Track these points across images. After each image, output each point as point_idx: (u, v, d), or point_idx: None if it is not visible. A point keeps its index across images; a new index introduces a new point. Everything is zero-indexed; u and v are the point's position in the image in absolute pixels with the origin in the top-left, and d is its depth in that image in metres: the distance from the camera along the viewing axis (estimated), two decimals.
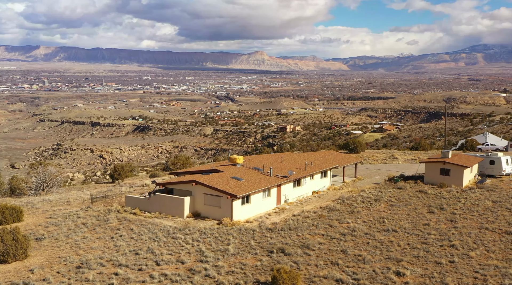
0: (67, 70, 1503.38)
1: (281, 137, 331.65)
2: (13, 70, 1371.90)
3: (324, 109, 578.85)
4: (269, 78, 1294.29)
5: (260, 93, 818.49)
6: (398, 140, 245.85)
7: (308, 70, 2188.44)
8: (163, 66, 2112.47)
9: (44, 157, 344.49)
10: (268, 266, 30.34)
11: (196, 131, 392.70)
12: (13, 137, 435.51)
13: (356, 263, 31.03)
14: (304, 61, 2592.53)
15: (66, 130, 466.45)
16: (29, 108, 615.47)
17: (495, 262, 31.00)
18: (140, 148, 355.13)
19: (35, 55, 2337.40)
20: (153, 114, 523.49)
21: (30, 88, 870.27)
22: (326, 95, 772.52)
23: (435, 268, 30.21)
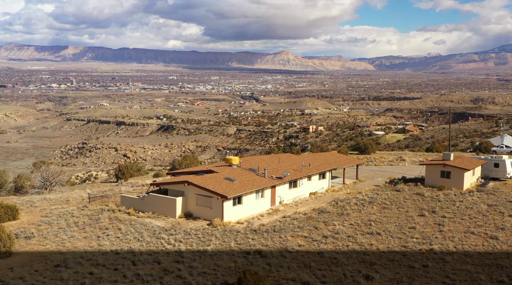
0: (94, 70, 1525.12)
1: (304, 137, 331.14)
2: (42, 69, 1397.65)
3: (348, 109, 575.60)
4: (294, 78, 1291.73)
5: (284, 93, 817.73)
6: (421, 141, 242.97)
7: (334, 70, 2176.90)
8: (189, 66, 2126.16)
9: (70, 155, 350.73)
10: (241, 267, 30.58)
11: (219, 130, 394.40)
12: (40, 135, 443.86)
13: (329, 266, 31.09)
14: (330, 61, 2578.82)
15: (92, 129, 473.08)
16: (57, 107, 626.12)
17: (469, 267, 30.71)
18: (164, 148, 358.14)
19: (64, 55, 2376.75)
20: (177, 113, 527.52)
21: (59, 87, 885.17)
22: (351, 95, 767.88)
23: (407, 272, 30.09)
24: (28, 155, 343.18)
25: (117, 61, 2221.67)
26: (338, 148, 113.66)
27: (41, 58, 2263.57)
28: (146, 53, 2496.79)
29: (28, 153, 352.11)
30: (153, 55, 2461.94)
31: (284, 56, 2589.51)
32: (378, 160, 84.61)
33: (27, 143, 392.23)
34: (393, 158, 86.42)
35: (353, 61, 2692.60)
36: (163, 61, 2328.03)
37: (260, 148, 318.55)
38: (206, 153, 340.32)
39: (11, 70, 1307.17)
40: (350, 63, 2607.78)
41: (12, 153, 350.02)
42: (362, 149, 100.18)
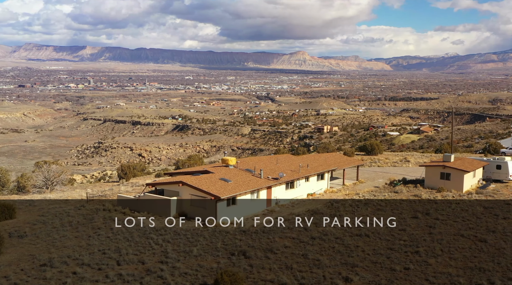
0: (111, 69, 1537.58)
1: (318, 137, 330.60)
2: (60, 69, 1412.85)
3: (364, 109, 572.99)
4: (310, 78, 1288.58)
5: (300, 93, 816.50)
6: (435, 142, 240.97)
7: (350, 70, 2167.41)
8: (205, 66, 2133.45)
9: (86, 155, 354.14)
10: (223, 268, 30.77)
11: (234, 130, 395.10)
12: (57, 135, 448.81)
13: (310, 268, 31.13)
14: (346, 61, 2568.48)
15: (108, 128, 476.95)
16: (74, 106, 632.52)
17: (451, 270, 30.54)
18: (178, 147, 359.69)
19: (82, 55, 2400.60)
20: (193, 113, 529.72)
21: (76, 87, 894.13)
22: (368, 96, 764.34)
23: (387, 275, 30.02)
24: (45, 154, 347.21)
25: (134, 61, 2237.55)
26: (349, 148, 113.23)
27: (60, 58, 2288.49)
28: (163, 53, 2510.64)
29: (45, 152, 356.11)
30: (170, 55, 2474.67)
31: (300, 56, 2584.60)
32: (382, 161, 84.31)
33: (44, 143, 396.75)
34: (397, 159, 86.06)
35: (370, 61, 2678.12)
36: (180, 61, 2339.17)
37: (274, 148, 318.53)
38: (220, 153, 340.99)
39: (30, 70, 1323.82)
40: (366, 63, 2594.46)
41: (30, 152, 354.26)
42: (369, 150, 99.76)
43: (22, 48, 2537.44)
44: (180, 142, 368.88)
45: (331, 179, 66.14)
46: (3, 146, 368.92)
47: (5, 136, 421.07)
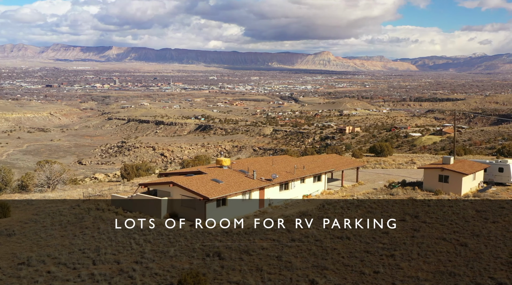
0: (137, 70, 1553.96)
1: (339, 138, 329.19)
2: (87, 70, 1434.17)
3: (388, 110, 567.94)
4: (334, 79, 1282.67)
5: (324, 94, 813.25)
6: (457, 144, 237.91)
7: (375, 70, 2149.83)
8: (229, 66, 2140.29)
9: (109, 154, 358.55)
10: (194, 269, 31.08)
11: (256, 131, 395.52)
12: (82, 134, 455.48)
13: (280, 270, 31.23)
14: (371, 61, 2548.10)
15: (131, 128, 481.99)
16: (99, 106, 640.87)
17: (420, 274, 30.35)
18: (200, 147, 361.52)
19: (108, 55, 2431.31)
20: (216, 113, 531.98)
21: (102, 87, 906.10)
22: (392, 96, 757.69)
23: (354, 278, 29.97)
24: (69, 153, 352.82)
25: (159, 61, 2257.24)
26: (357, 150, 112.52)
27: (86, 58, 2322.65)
28: (188, 54, 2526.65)
29: (69, 151, 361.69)
30: (194, 56, 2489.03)
31: (325, 56, 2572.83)
32: (387, 162, 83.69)
33: (69, 142, 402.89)
34: (403, 161, 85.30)
35: (395, 61, 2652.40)
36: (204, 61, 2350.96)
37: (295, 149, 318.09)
38: (242, 153, 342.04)
39: (57, 70, 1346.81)
40: (392, 63, 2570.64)
41: (55, 151, 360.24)
42: (378, 151, 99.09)
43: (50, 48, 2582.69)
44: (202, 142, 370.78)
45: (331, 180, 65.96)
46: (29, 145, 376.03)
47: (32, 135, 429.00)
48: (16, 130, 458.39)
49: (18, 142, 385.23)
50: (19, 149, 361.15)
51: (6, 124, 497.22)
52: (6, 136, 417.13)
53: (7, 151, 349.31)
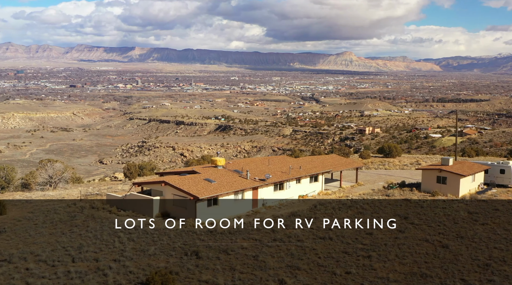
0: (159, 70, 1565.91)
1: (359, 139, 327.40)
2: (110, 70, 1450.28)
3: (410, 111, 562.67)
4: (356, 79, 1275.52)
5: (345, 94, 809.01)
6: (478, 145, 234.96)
7: (398, 71, 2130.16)
8: (251, 66, 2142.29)
9: (130, 153, 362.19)
10: (169, 268, 31.52)
11: (275, 131, 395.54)
12: (104, 134, 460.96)
13: (253, 270, 31.43)
14: (394, 62, 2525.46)
15: (152, 128, 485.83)
16: (121, 106, 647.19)
17: (392, 275, 30.32)
18: (220, 147, 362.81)
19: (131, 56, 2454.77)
20: (236, 114, 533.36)
21: (124, 87, 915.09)
22: (415, 97, 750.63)
23: (324, 278, 30.04)
24: (91, 153, 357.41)
25: (181, 61, 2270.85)
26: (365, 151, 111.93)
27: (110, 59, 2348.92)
28: (209, 54, 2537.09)
29: (91, 151, 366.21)
30: (216, 56, 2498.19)
31: (347, 56, 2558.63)
32: (392, 163, 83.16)
33: (91, 141, 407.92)
34: (409, 162, 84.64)
35: (418, 61, 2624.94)
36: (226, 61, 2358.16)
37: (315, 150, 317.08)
38: (261, 153, 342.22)
39: (81, 71, 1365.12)
40: (415, 63, 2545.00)
41: (77, 150, 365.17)
42: (386, 152, 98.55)
43: (74, 49, 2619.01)
44: (222, 142, 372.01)
45: (330, 181, 65.93)
46: (52, 144, 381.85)
47: (55, 134, 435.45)
48: (39, 129, 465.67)
49: (41, 142, 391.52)
50: (42, 148, 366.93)
51: (30, 123, 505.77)
52: (30, 135, 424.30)
53: (31, 150, 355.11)
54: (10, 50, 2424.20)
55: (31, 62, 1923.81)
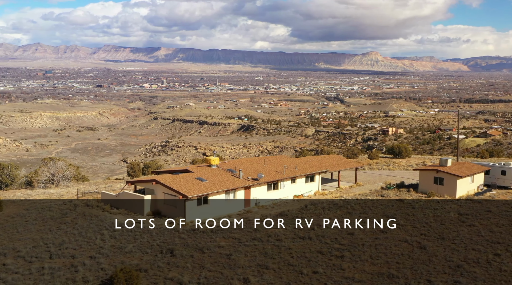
0: (184, 70, 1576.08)
1: (382, 139, 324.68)
2: (136, 70, 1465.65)
3: (436, 111, 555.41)
4: (381, 79, 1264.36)
5: (370, 95, 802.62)
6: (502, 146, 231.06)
7: (424, 71, 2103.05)
8: (275, 66, 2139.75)
9: (153, 153, 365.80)
10: (140, 265, 32.07)
11: (298, 131, 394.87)
12: (129, 133, 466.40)
13: (222, 268, 31.70)
14: (420, 62, 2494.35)
15: (176, 128, 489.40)
16: (146, 106, 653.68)
17: (357, 275, 30.30)
18: (242, 147, 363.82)
19: (156, 56, 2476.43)
20: (259, 114, 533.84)
21: (150, 87, 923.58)
22: (441, 97, 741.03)
23: (290, 278, 30.17)
24: (115, 152, 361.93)
25: (206, 62, 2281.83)
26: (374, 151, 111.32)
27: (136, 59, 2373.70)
28: (234, 54, 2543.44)
29: (115, 150, 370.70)
30: (241, 56, 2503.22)
31: (373, 56, 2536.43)
32: (397, 164, 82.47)
33: (116, 141, 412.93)
34: (415, 163, 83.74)
35: (446, 61, 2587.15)
36: (250, 62, 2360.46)
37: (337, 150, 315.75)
38: (283, 153, 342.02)
39: (108, 71, 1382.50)
40: (442, 63, 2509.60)
41: (102, 149, 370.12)
42: (396, 152, 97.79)
43: (101, 49, 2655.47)
44: (244, 142, 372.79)
45: (330, 181, 65.85)
46: (78, 143, 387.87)
47: (80, 134, 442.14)
48: (66, 128, 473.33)
49: (67, 141, 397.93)
50: (67, 147, 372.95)
51: (57, 123, 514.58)
52: (56, 134, 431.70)
53: (57, 149, 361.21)
54: (39, 51, 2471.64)
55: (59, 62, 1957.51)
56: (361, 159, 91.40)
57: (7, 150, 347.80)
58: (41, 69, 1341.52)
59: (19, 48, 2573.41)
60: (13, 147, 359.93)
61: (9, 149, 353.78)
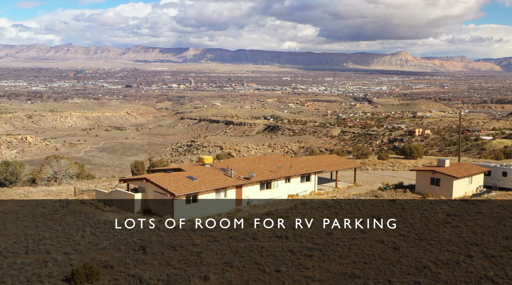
0: (212, 70, 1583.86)
1: (408, 140, 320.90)
2: (164, 70, 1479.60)
3: (466, 112, 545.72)
4: (411, 79, 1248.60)
5: (399, 95, 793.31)
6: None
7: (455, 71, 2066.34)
8: (303, 67, 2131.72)
9: (179, 152, 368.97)
10: (108, 261, 32.61)
11: (323, 132, 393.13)
12: (155, 133, 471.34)
13: (188, 266, 31.94)
14: (451, 62, 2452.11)
15: (202, 127, 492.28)
16: (174, 106, 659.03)
17: (319, 275, 30.20)
18: (267, 147, 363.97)
19: (185, 57, 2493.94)
20: (285, 114, 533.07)
21: (178, 87, 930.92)
22: (472, 98, 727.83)
23: (251, 276, 30.22)
24: (142, 151, 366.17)
25: (234, 62, 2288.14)
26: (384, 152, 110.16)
27: (165, 59, 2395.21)
28: (262, 55, 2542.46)
29: (142, 149, 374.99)
30: (269, 56, 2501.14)
31: (402, 56, 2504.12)
32: (403, 165, 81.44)
33: (143, 140, 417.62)
34: (422, 164, 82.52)
35: (477, 61, 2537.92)
36: (278, 62, 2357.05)
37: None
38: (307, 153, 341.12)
39: (137, 71, 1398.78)
40: (473, 63, 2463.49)
41: (129, 149, 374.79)
42: (407, 153, 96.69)
43: (131, 50, 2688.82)
44: (269, 142, 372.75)
45: (329, 181, 65.60)
46: (105, 143, 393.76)
47: (108, 133, 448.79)
48: (94, 128, 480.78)
49: (96, 140, 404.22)
50: (96, 146, 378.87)
51: (86, 122, 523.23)
52: (85, 133, 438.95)
53: (85, 148, 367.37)
54: (70, 51, 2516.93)
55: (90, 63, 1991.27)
56: (370, 160, 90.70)
57: (37, 149, 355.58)
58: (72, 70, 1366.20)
59: (51, 49, 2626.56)
60: (42, 146, 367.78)
61: (39, 148, 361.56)
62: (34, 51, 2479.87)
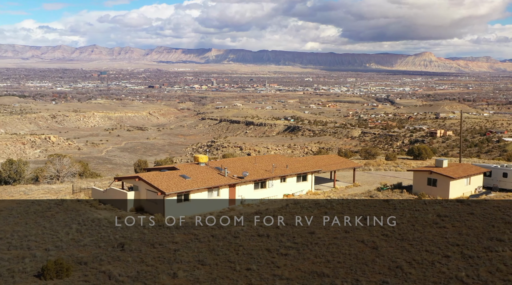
0: (234, 71, 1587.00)
1: (429, 142, 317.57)
2: (187, 71, 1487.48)
3: (491, 114, 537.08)
4: (435, 80, 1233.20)
5: (422, 96, 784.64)
6: None
7: (480, 71, 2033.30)
8: (325, 67, 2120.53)
9: (199, 153, 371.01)
10: (84, 258, 33.05)
11: (344, 133, 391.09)
12: (177, 133, 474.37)
13: (160, 263, 32.28)
14: (476, 62, 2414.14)
15: (223, 128, 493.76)
16: (196, 106, 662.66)
17: (287, 274, 30.30)
18: (287, 148, 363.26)
19: (207, 57, 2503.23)
20: (306, 115, 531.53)
21: (200, 88, 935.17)
22: (497, 99, 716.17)
23: (220, 274, 30.42)
24: (163, 151, 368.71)
25: (256, 63, 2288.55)
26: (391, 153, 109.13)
27: (187, 60, 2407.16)
28: (284, 55, 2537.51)
29: (163, 149, 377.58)
30: (291, 57, 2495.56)
31: (426, 57, 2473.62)
32: (407, 165, 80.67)
33: (164, 140, 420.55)
34: (427, 164, 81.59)
35: (504, 62, 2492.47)
36: (300, 62, 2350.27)
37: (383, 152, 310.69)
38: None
39: (159, 72, 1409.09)
40: (499, 64, 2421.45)
41: (150, 148, 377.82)
42: (416, 154, 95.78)
43: (154, 51, 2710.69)
44: (289, 143, 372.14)
45: (328, 181, 65.34)
46: (127, 143, 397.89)
47: (130, 133, 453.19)
48: (117, 128, 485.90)
49: (117, 140, 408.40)
50: (117, 146, 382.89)
51: (109, 122, 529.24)
52: (107, 134, 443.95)
53: (107, 148, 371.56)
54: (94, 52, 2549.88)
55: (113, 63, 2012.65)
56: (376, 160, 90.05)
57: (60, 149, 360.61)
58: (96, 70, 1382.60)
59: (76, 50, 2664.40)
60: (65, 146, 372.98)
61: (61, 147, 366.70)
62: (60, 52, 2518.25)
